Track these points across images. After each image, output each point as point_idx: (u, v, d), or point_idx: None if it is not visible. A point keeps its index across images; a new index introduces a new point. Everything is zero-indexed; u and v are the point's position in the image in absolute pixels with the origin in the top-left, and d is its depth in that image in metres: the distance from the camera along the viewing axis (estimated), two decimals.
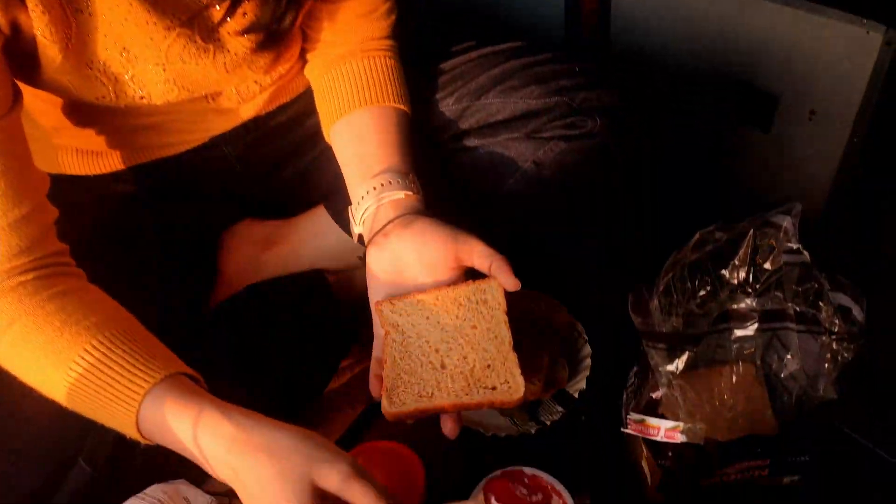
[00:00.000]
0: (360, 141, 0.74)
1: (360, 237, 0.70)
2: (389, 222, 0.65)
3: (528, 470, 0.67)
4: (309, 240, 0.92)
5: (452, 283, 0.61)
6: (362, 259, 0.67)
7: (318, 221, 0.92)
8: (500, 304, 0.58)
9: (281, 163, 0.90)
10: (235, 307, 0.83)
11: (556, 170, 0.82)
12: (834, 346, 0.53)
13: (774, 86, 1.44)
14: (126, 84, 0.67)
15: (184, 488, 0.60)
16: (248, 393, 0.74)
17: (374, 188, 0.68)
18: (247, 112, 0.81)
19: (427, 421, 0.77)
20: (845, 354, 0.53)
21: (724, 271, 0.62)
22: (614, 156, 0.82)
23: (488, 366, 0.54)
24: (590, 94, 0.79)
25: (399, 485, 0.73)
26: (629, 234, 0.92)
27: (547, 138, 0.81)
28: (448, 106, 0.84)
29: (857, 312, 0.52)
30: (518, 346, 0.76)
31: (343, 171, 0.75)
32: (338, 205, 0.92)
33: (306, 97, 0.85)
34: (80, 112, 0.73)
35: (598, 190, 0.87)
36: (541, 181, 0.84)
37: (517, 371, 0.53)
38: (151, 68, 0.67)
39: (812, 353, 0.55)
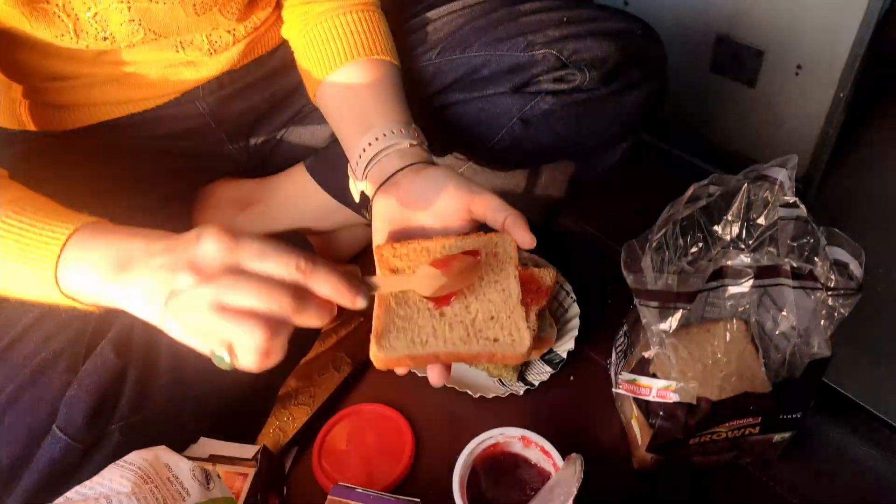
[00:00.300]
0: (354, 96, 0.70)
1: (363, 196, 0.66)
2: (398, 171, 0.61)
3: (516, 431, 0.66)
4: (288, 200, 0.89)
5: (461, 234, 0.58)
6: (368, 218, 0.64)
7: (297, 181, 0.89)
8: (511, 258, 0.55)
9: (257, 120, 0.86)
10: None
11: (543, 127, 0.80)
12: (830, 301, 0.52)
13: (760, 40, 1.42)
14: (87, 23, 0.63)
15: (164, 455, 0.58)
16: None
17: (377, 139, 0.63)
18: (220, 65, 0.76)
19: (415, 383, 0.76)
20: (842, 311, 0.52)
21: (716, 227, 0.61)
22: (607, 110, 0.79)
23: (492, 317, 0.51)
24: (579, 45, 0.76)
25: (388, 447, 0.72)
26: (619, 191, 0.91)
27: (534, 93, 0.78)
28: (430, 60, 0.81)
29: (855, 267, 0.51)
30: None
31: (337, 129, 0.71)
32: (317, 164, 0.89)
33: (283, 53, 0.82)
34: (43, 60, 0.68)
35: (587, 148, 0.85)
36: (527, 139, 0.81)
37: (523, 325, 0.50)
38: (115, 6, 0.62)
39: (806, 310, 0.54)
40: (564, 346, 0.76)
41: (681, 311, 0.52)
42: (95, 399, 0.61)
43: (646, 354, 0.58)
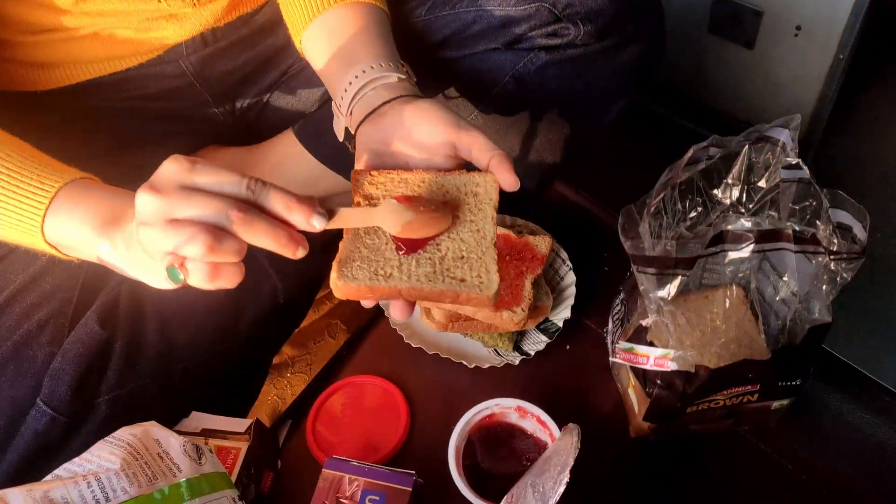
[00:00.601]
0: (339, 36, 0.67)
1: (347, 133, 0.64)
2: (384, 103, 0.59)
3: (512, 401, 0.65)
4: (277, 166, 0.87)
5: (444, 171, 0.56)
6: (351, 145, 0.61)
7: (285, 147, 0.87)
8: (491, 199, 0.53)
9: (243, 81, 0.84)
10: None
11: (537, 85, 0.77)
12: (832, 266, 0.50)
13: (758, 0, 1.38)
14: None
15: (154, 430, 0.57)
16: None
17: (364, 71, 0.61)
18: (203, 20, 0.73)
19: (410, 355, 0.75)
20: (844, 275, 0.50)
21: (716, 191, 0.59)
22: (601, 67, 0.77)
23: (462, 257, 0.49)
24: None
25: (383, 419, 0.72)
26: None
27: (527, 49, 0.75)
28: (420, 17, 0.78)
29: (859, 231, 0.49)
30: (501, 275, 0.74)
31: (321, 72, 0.68)
32: (305, 129, 0.86)
33: (269, 12, 0.79)
34: (19, 6, 0.65)
35: (582, 106, 0.83)
36: (521, 97, 0.79)
37: (494, 268, 0.48)
38: None
39: (807, 275, 0.52)
40: (560, 315, 0.75)
41: (679, 277, 0.51)
42: (80, 371, 0.60)
43: (643, 322, 0.57)
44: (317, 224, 0.46)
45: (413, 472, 0.61)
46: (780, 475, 0.64)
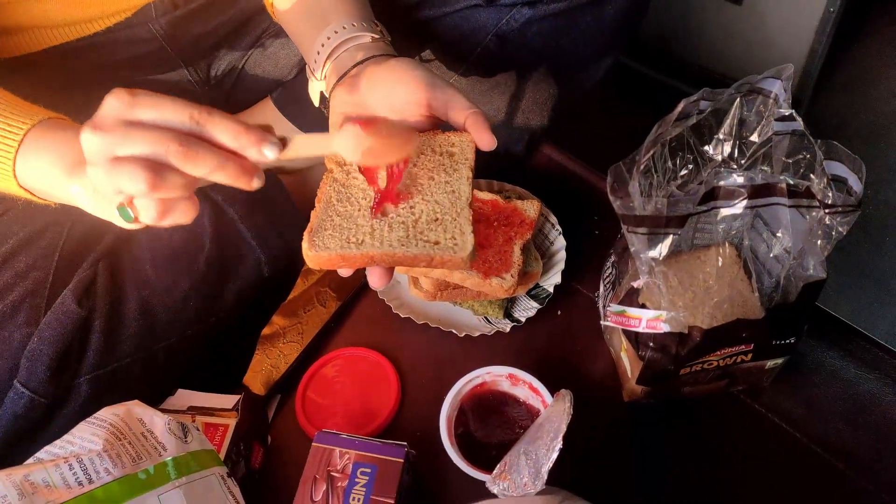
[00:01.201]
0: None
1: (322, 97, 0.62)
2: (358, 64, 0.57)
3: (503, 369, 0.64)
4: None
5: (419, 131, 0.54)
6: (327, 109, 0.59)
7: (266, 115, 0.84)
8: (467, 159, 0.51)
9: (216, 46, 0.81)
10: None
11: (521, 42, 0.75)
12: (827, 220, 0.49)
13: None
14: None
15: (138, 410, 0.56)
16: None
17: (336, 32, 0.58)
18: None
19: (399, 325, 0.74)
20: (840, 229, 0.49)
21: (707, 147, 0.57)
22: (586, 22, 0.74)
23: (437, 219, 0.48)
24: None
25: (373, 391, 0.71)
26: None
27: (509, 5, 0.73)
28: None
29: (854, 182, 0.48)
30: (490, 241, 0.72)
31: (293, 34, 0.66)
32: (284, 97, 0.84)
33: None
34: None
35: (569, 64, 0.80)
36: (505, 56, 0.77)
37: (468, 229, 0.47)
38: None
39: (800, 231, 0.51)
40: (551, 280, 0.74)
41: (671, 236, 0.50)
42: (58, 351, 0.58)
43: (634, 284, 0.56)
44: (269, 153, 0.44)
45: (405, 443, 0.60)
46: (774, 434, 0.64)
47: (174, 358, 0.68)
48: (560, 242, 0.76)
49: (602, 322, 0.57)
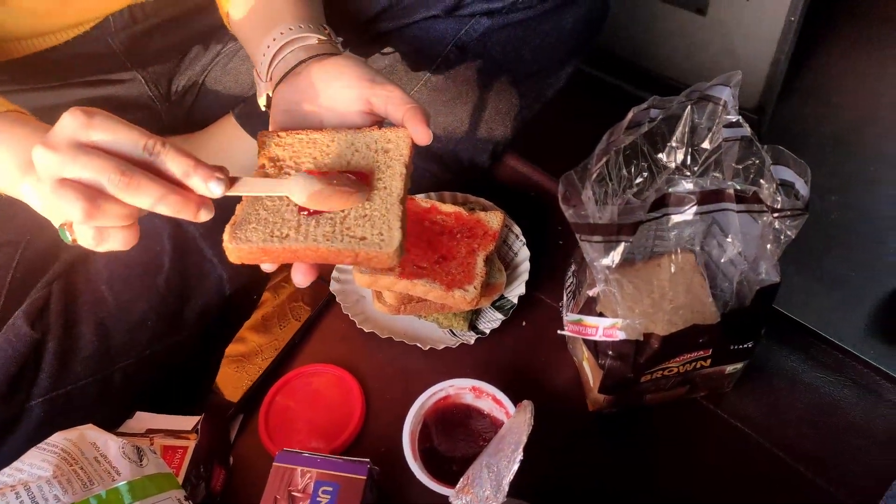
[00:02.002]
0: (263, 5, 0.64)
1: (268, 99, 0.61)
2: (300, 63, 0.56)
3: (467, 381, 0.64)
4: (218, 153, 0.84)
5: (358, 128, 0.54)
6: (268, 108, 0.59)
7: (226, 132, 0.84)
8: (402, 155, 0.51)
9: (178, 62, 0.80)
10: (143, 232, 0.74)
11: (481, 52, 0.75)
12: (776, 224, 0.49)
13: None
14: None
15: (91, 434, 0.54)
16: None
17: (282, 33, 0.58)
18: None
19: (364, 340, 0.73)
20: (788, 233, 0.49)
21: (661, 155, 0.58)
22: (546, 31, 0.75)
23: (365, 216, 0.47)
24: None
25: (337, 407, 0.70)
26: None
27: (468, 15, 0.73)
28: None
29: (801, 186, 0.48)
30: (453, 253, 0.72)
31: (246, 43, 0.66)
32: (246, 112, 0.83)
33: None
34: None
35: (530, 73, 0.81)
36: (465, 69, 0.77)
37: (397, 224, 0.46)
38: None
39: (752, 235, 0.51)
40: (515, 291, 0.74)
41: (623, 243, 0.50)
42: (9, 374, 0.58)
43: (590, 293, 0.56)
44: (215, 189, 0.44)
45: (367, 459, 0.59)
46: (738, 439, 0.64)
47: (132, 379, 0.67)
48: (524, 253, 0.76)
49: (559, 331, 0.57)
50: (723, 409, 0.64)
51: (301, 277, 0.49)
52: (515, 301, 0.73)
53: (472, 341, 0.71)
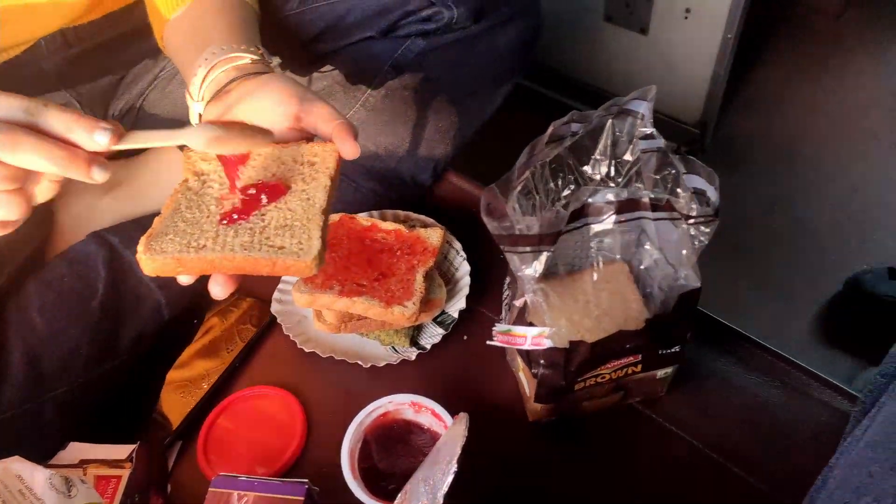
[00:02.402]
0: (198, 27, 0.64)
1: (201, 119, 0.61)
2: (232, 81, 0.56)
3: (406, 397, 0.64)
4: (157, 177, 0.83)
5: (282, 143, 0.54)
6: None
7: (164, 156, 0.83)
8: (327, 168, 0.51)
9: (114, 86, 0.80)
10: (77, 257, 0.73)
11: (417, 71, 0.77)
12: (692, 231, 0.51)
13: None
14: None
15: (17, 466, 0.53)
16: None
17: (214, 53, 0.58)
18: (63, 14, 0.69)
19: (305, 361, 0.73)
20: (702, 239, 0.51)
21: (586, 167, 0.60)
22: (481, 51, 0.77)
23: (286, 225, 0.47)
24: None
25: (278, 429, 0.69)
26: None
27: (404, 36, 0.75)
28: (292, 10, 0.77)
29: (712, 193, 0.50)
30: (392, 271, 0.72)
31: (181, 65, 0.66)
32: None
33: (139, 14, 0.75)
34: None
35: (468, 92, 0.82)
36: (403, 89, 0.78)
37: (317, 234, 0.46)
38: None
39: (672, 242, 0.53)
40: (456, 306, 0.74)
41: (545, 253, 0.51)
42: None
43: (516, 303, 0.57)
44: (100, 139, 0.42)
45: (306, 480, 0.59)
46: (673, 443, 0.65)
47: (66, 409, 0.65)
48: (465, 268, 0.77)
49: (489, 342, 0.58)
50: (657, 414, 0.66)
51: (219, 289, 0.48)
52: (456, 316, 0.74)
53: (414, 357, 0.72)
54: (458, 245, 0.79)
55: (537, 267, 0.51)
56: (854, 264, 1.24)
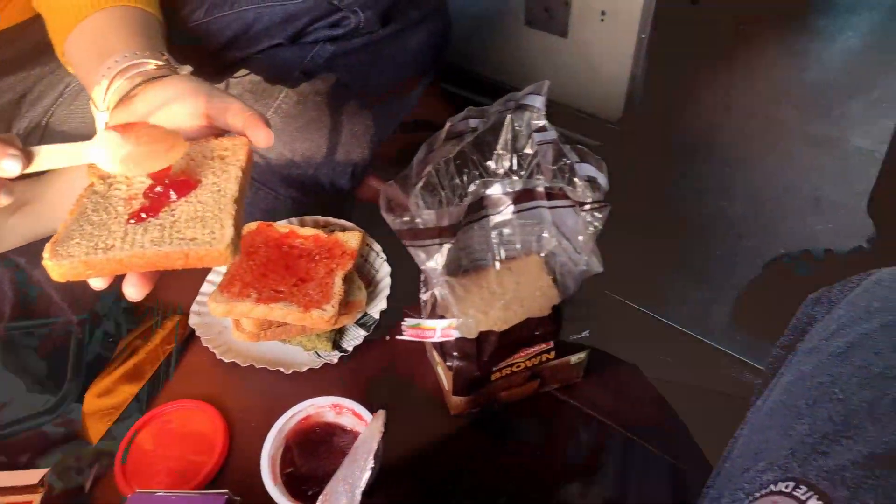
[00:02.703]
0: (97, 39, 0.62)
1: None
2: (136, 86, 0.55)
3: (326, 399, 0.64)
4: (64, 195, 0.81)
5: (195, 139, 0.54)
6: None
7: (70, 174, 0.81)
8: (239, 160, 0.51)
9: (17, 103, 0.77)
10: None
11: (328, 77, 0.77)
12: (587, 217, 0.53)
13: None
14: None
15: None
16: None
17: (117, 61, 0.56)
18: None
19: (225, 372, 0.72)
20: (596, 224, 0.53)
21: (490, 162, 0.61)
22: (390, 54, 0.78)
23: (196, 217, 0.47)
24: None
25: (199, 442, 0.68)
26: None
27: (312, 42, 0.75)
28: (199, 20, 0.76)
29: (602, 179, 0.52)
30: (311, 275, 0.72)
31: (83, 78, 0.64)
32: None
33: (39, 30, 0.73)
34: None
35: (380, 95, 0.83)
36: (315, 95, 0.79)
37: (229, 223, 0.46)
38: None
39: (570, 228, 0.55)
40: (377, 307, 0.75)
41: (446, 245, 0.52)
42: None
43: (424, 297, 0.57)
44: (9, 167, 0.41)
45: (226, 491, 0.58)
46: (593, 427, 0.67)
47: None
48: (385, 269, 0.78)
49: (399, 337, 0.59)
50: (575, 399, 0.67)
51: (133, 290, 0.47)
52: (377, 317, 0.74)
53: (336, 360, 0.72)
54: (377, 247, 0.80)
55: (439, 259, 0.52)
56: (770, 249, 1.29)
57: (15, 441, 0.71)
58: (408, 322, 0.58)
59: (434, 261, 0.52)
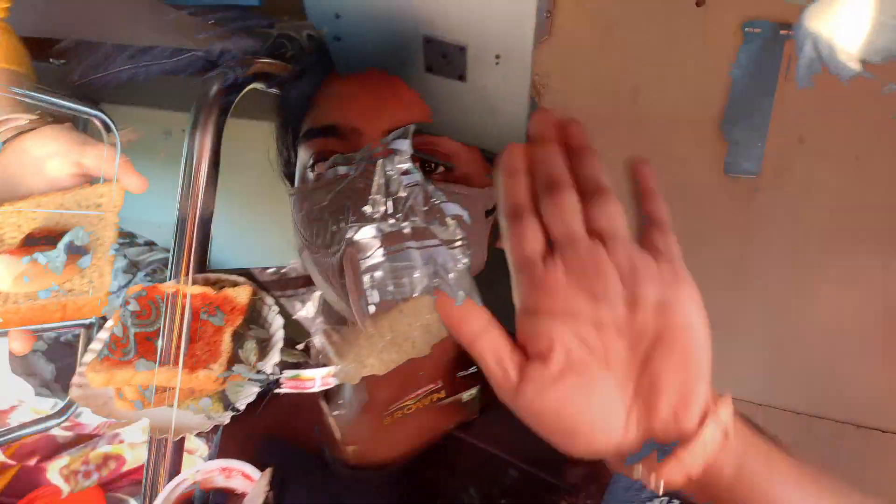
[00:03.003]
0: None
1: None
2: (6, 142, 0.54)
3: (214, 463, 0.61)
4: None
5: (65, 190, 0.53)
6: None
7: None
8: (116, 206, 0.52)
9: None
10: None
11: None
12: (458, 254, 0.54)
13: (461, 36, 1.52)
14: None
15: None
16: None
17: None
18: None
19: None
20: (464, 261, 0.54)
21: (366, 208, 0.61)
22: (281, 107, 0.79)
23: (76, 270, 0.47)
24: (227, 44, 0.74)
25: None
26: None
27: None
28: (72, 83, 0.74)
29: (466, 217, 0.53)
30: (199, 335, 0.70)
31: None
32: None
33: None
34: None
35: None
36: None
37: (108, 269, 0.48)
38: None
39: (442, 267, 0.56)
40: (271, 361, 0.73)
41: (316, 292, 0.52)
42: None
43: (299, 347, 0.57)
44: None
45: None
46: (494, 464, 0.66)
47: None
48: (278, 322, 0.76)
49: (277, 390, 0.57)
50: (474, 437, 0.67)
51: (17, 345, 0.47)
52: (270, 370, 0.72)
53: (228, 420, 0.69)
54: (269, 300, 0.78)
55: (310, 308, 0.52)
56: None
57: (24, 444, 0.68)
58: (287, 374, 0.57)
59: (306, 310, 0.52)
